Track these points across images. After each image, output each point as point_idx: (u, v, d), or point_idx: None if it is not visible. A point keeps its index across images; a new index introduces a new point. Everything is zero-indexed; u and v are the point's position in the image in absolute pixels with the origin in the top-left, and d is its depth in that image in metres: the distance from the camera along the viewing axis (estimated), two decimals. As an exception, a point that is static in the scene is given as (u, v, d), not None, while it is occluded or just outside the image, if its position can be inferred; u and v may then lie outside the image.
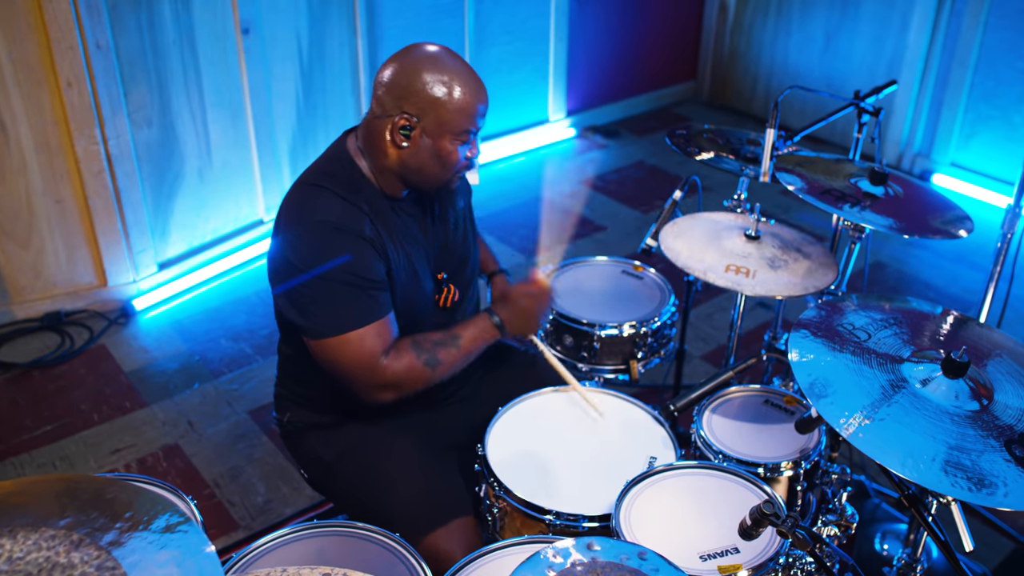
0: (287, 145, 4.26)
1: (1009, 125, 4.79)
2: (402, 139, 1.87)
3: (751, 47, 5.97)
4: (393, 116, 1.86)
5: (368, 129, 1.92)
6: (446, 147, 1.88)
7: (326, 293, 1.83)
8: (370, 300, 1.86)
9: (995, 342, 1.72)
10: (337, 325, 1.84)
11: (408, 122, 1.85)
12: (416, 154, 1.88)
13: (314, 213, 1.86)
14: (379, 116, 1.88)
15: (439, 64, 1.85)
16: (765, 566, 1.61)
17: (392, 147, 1.88)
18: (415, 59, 1.86)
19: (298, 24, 4.09)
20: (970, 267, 4.36)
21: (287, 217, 1.89)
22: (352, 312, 1.84)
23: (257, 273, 4.16)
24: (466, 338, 1.97)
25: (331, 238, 1.84)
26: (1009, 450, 1.45)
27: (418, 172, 1.92)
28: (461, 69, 1.87)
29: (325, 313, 1.84)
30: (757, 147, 2.64)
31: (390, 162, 1.91)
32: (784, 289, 2.01)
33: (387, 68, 1.88)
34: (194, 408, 3.32)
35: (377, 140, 1.90)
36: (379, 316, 1.87)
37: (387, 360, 1.86)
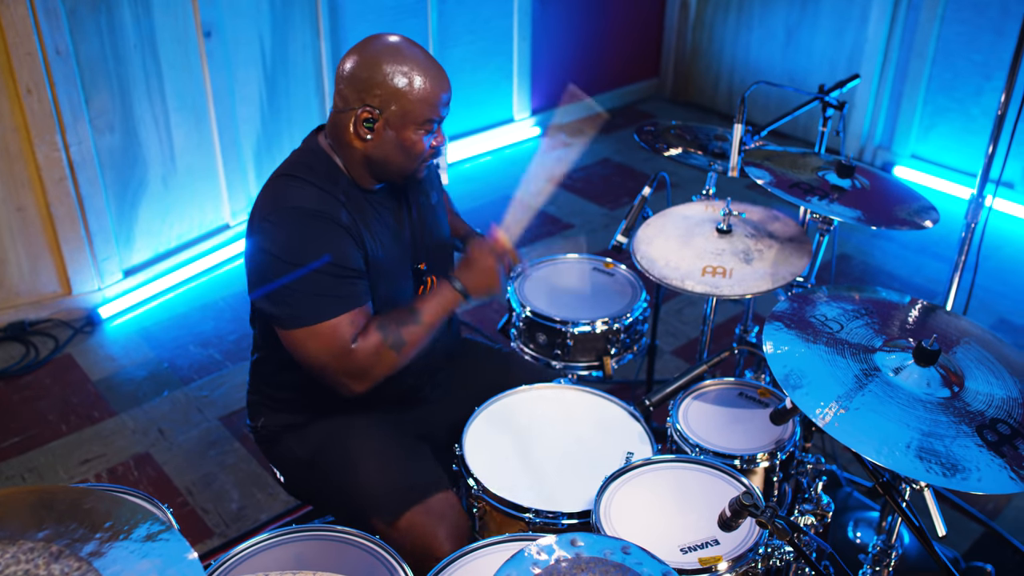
0: (251, 149, 4.23)
1: (967, 117, 4.87)
2: (366, 132, 1.86)
3: (713, 43, 6.02)
4: (356, 109, 1.85)
5: (333, 123, 1.92)
6: (410, 137, 1.87)
7: (301, 281, 1.81)
8: (346, 288, 1.84)
9: (963, 330, 1.75)
10: (310, 314, 1.82)
11: (371, 115, 1.84)
12: (381, 146, 1.88)
13: (289, 200, 1.85)
14: (342, 110, 1.88)
15: (399, 55, 1.84)
16: (745, 557, 1.62)
17: (357, 140, 1.88)
18: (375, 51, 1.85)
19: (261, 27, 4.05)
20: (932, 257, 4.43)
21: (262, 207, 1.88)
22: (327, 301, 1.82)
23: (224, 278, 4.12)
24: (427, 311, 1.92)
25: (307, 225, 1.82)
26: (981, 435, 1.47)
27: (384, 163, 1.91)
28: (421, 58, 1.86)
29: (299, 301, 1.82)
30: (724, 143, 2.66)
31: (356, 155, 1.90)
32: (761, 283, 2.03)
33: (347, 61, 1.87)
34: (164, 416, 3.29)
35: (342, 134, 1.89)
36: (354, 305, 1.85)
37: (356, 346, 1.84)
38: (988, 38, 4.66)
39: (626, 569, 1.25)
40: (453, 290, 1.97)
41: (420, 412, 2.18)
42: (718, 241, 2.16)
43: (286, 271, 1.81)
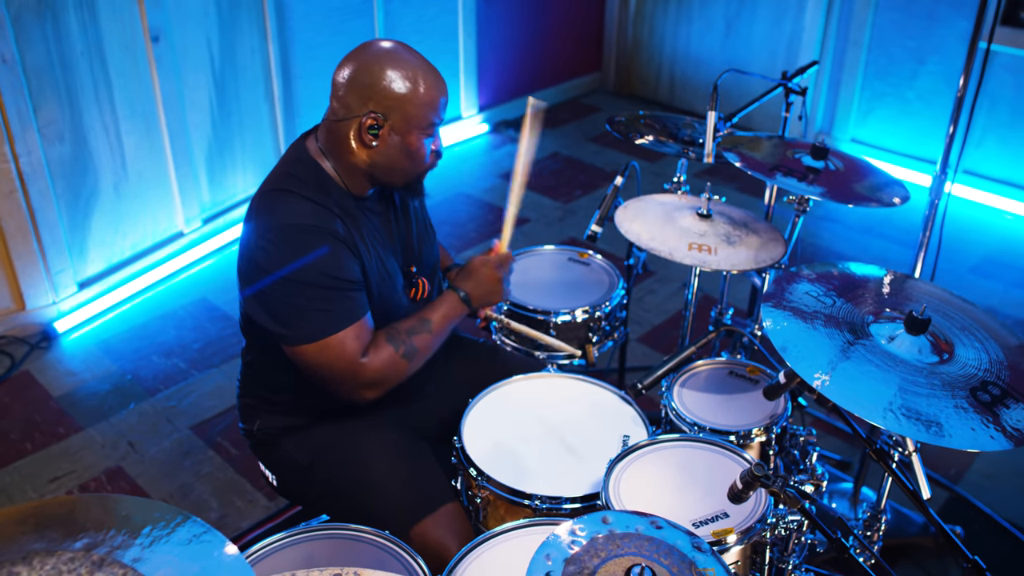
0: (203, 155, 4.17)
1: (903, 101, 5.04)
2: (371, 139, 1.86)
3: (653, 36, 6.11)
4: (359, 116, 1.85)
5: (331, 132, 1.90)
6: (414, 142, 1.88)
7: (303, 297, 1.81)
8: (348, 301, 1.85)
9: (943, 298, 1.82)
10: (316, 330, 1.82)
11: (376, 121, 1.84)
12: (386, 152, 1.88)
13: (284, 216, 1.84)
14: (343, 118, 1.87)
15: (399, 60, 1.84)
16: (754, 528, 1.67)
17: (361, 147, 1.88)
18: (374, 57, 1.85)
19: (208, 30, 4.00)
20: (878, 237, 4.58)
21: (257, 226, 1.86)
22: (331, 316, 1.83)
23: (182, 286, 4.06)
24: (436, 320, 1.98)
25: (304, 240, 1.82)
26: (975, 397, 1.54)
27: (389, 169, 1.92)
28: (420, 63, 1.87)
29: (303, 318, 1.82)
30: (693, 130, 2.71)
31: (359, 162, 1.90)
32: (746, 262, 2.09)
33: (345, 68, 1.87)
34: (133, 428, 3.23)
35: (343, 141, 1.88)
36: (357, 317, 1.86)
37: (367, 359, 1.86)
38: (920, 24, 4.83)
39: (659, 542, 1.28)
40: (458, 299, 2.02)
41: (414, 409, 2.19)
42: (700, 224, 2.21)
43: (287, 288, 1.81)
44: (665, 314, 3.95)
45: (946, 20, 4.75)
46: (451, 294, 2.03)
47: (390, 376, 1.91)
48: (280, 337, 1.86)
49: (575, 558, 1.24)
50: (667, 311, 3.97)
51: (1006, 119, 4.68)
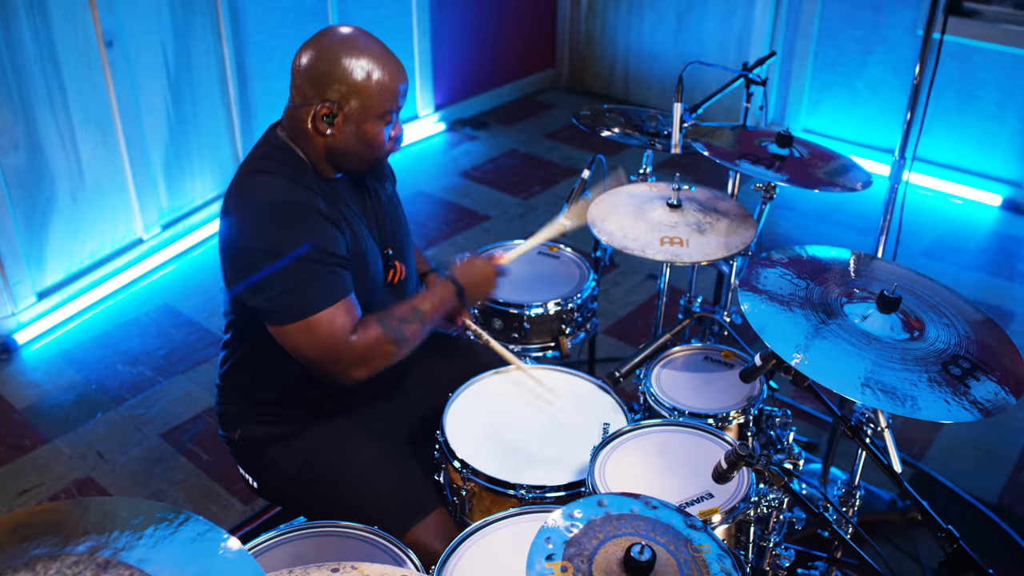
0: (160, 160, 4.12)
1: (852, 90, 5.15)
2: (326, 126, 1.86)
3: (606, 32, 6.17)
4: (315, 104, 1.85)
5: (291, 118, 1.91)
6: (370, 130, 1.88)
7: (291, 273, 1.79)
8: (335, 277, 1.84)
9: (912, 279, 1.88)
10: (305, 306, 1.80)
11: (330, 109, 1.84)
12: (342, 139, 1.88)
13: (267, 194, 1.83)
14: (300, 105, 1.87)
15: (356, 47, 1.84)
16: (738, 507, 1.72)
17: (316, 134, 1.88)
18: (331, 44, 1.84)
19: (162, 34, 3.95)
20: (834, 224, 4.68)
21: (236, 206, 1.85)
22: (320, 292, 1.81)
23: (143, 293, 4.01)
24: (427, 309, 1.97)
25: (287, 214, 1.81)
26: (946, 370, 1.60)
27: (345, 156, 1.92)
28: (378, 50, 1.86)
29: (292, 294, 1.80)
30: (657, 122, 2.76)
31: (317, 148, 1.90)
32: (716, 251, 2.13)
33: (303, 55, 1.86)
34: (101, 438, 3.19)
35: (301, 128, 1.88)
36: (345, 294, 1.85)
37: (356, 337, 1.84)
38: (867, 15, 4.94)
39: (654, 522, 1.31)
40: (453, 289, 2.02)
41: (396, 406, 2.20)
42: (670, 215, 2.25)
43: (272, 263, 1.79)
44: (630, 306, 4.00)
45: (892, 10, 4.87)
46: (447, 285, 2.03)
47: (376, 357, 1.88)
48: (268, 315, 1.83)
49: (575, 540, 1.27)
50: (632, 303, 4.02)
51: (952, 106, 4.81)
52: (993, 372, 1.61)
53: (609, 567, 1.23)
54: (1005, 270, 4.34)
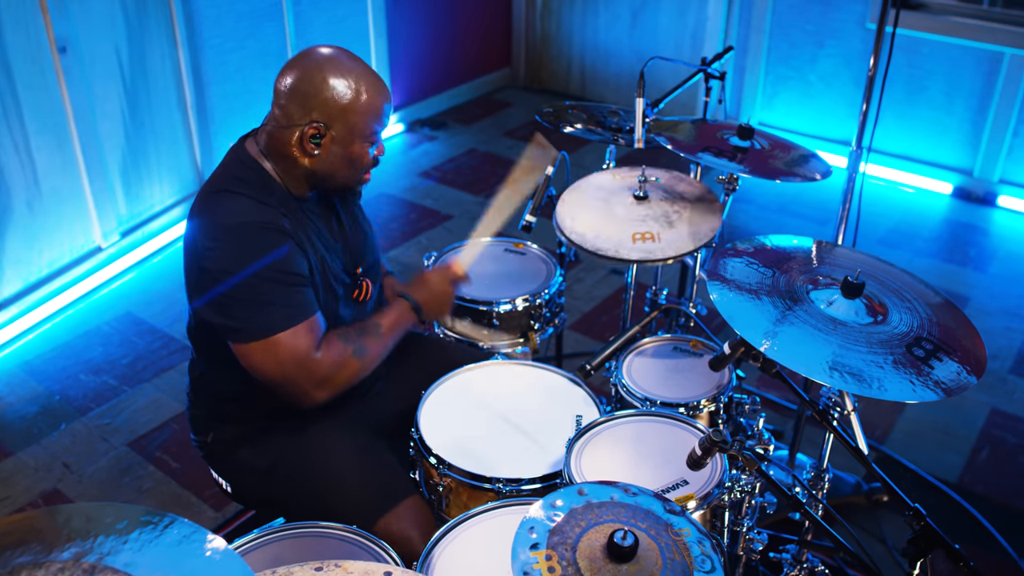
0: (118, 166, 4.07)
1: (805, 83, 5.24)
2: (313, 147, 1.86)
3: (561, 29, 6.21)
4: (301, 125, 1.84)
5: (273, 138, 1.89)
6: (357, 150, 1.89)
7: (254, 293, 1.80)
8: (298, 296, 1.85)
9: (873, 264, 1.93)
10: (267, 326, 1.81)
11: (318, 131, 1.84)
12: (327, 160, 1.89)
13: (230, 215, 1.83)
14: (285, 126, 1.86)
15: (341, 68, 1.84)
16: (712, 493, 1.75)
17: (302, 155, 1.87)
18: (316, 65, 1.84)
19: (117, 39, 3.91)
20: (791, 215, 4.76)
21: (202, 227, 1.85)
22: (282, 311, 1.82)
23: (104, 302, 3.96)
24: (386, 325, 1.99)
25: (252, 237, 1.81)
26: (910, 352, 1.65)
27: (330, 177, 1.92)
28: (363, 70, 1.87)
29: (254, 314, 1.81)
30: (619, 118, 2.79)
31: (299, 169, 1.90)
32: (687, 243, 2.16)
33: (287, 76, 1.85)
34: (66, 449, 3.15)
35: (284, 148, 1.88)
36: (309, 313, 1.86)
37: (319, 355, 1.85)
38: (818, 8, 5.03)
39: (635, 508, 1.34)
40: (408, 307, 2.05)
41: (367, 406, 2.20)
42: (638, 208, 2.28)
43: (237, 285, 1.79)
44: (594, 301, 4.04)
45: (841, 4, 4.96)
46: (402, 302, 2.05)
47: (341, 374, 1.90)
48: (230, 333, 1.84)
49: (558, 528, 1.29)
50: (596, 298, 4.06)
51: (901, 97, 4.92)
52: (955, 353, 1.66)
53: (593, 554, 1.25)
54: (958, 256, 4.45)
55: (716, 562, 1.28)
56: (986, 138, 4.78)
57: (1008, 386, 3.49)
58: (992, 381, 3.50)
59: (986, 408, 3.36)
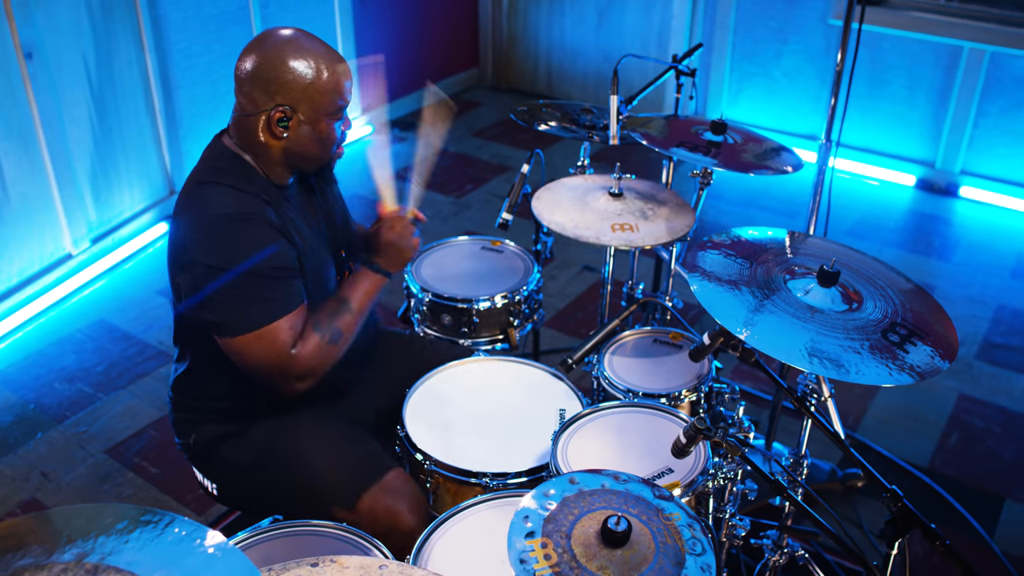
0: (87, 172, 4.04)
1: (769, 79, 5.32)
2: (281, 131, 1.88)
3: (528, 29, 6.24)
4: (267, 110, 1.86)
5: (241, 126, 1.91)
6: (325, 128, 1.91)
7: (243, 289, 1.81)
8: (284, 289, 1.86)
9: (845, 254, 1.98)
10: (251, 321, 1.82)
11: (284, 113, 1.86)
12: (298, 141, 1.90)
13: (216, 207, 1.83)
14: (251, 113, 1.88)
15: (300, 49, 1.85)
16: (697, 480, 1.79)
17: (272, 139, 1.89)
18: (275, 47, 1.85)
19: (83, 44, 3.88)
20: (759, 209, 4.83)
21: (187, 221, 1.85)
22: (268, 305, 1.83)
23: (76, 309, 3.93)
24: (356, 298, 1.99)
25: (238, 229, 1.82)
26: (886, 337, 1.69)
27: (302, 157, 1.94)
28: (321, 49, 1.89)
29: (238, 308, 1.82)
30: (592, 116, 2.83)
31: (272, 153, 1.91)
32: (666, 234, 2.20)
33: (246, 61, 1.86)
34: (43, 458, 3.12)
35: (253, 135, 1.89)
36: (293, 307, 1.87)
37: (296, 351, 1.87)
38: (781, 6, 5.11)
39: (625, 494, 1.37)
40: (373, 274, 2.04)
41: (348, 403, 2.22)
42: (614, 204, 2.31)
43: (222, 277, 1.80)
44: (568, 298, 4.07)
45: (804, 1, 5.04)
46: (366, 271, 2.04)
47: (321, 364, 1.92)
48: (216, 327, 1.85)
49: (552, 517, 1.31)
50: (570, 295, 4.09)
51: (864, 91, 5.00)
52: (927, 338, 1.71)
53: (587, 540, 1.28)
54: (923, 246, 4.54)
55: (706, 544, 1.31)
56: (947, 130, 4.89)
57: (975, 371, 3.57)
58: (959, 367, 3.58)
59: (954, 394, 3.44)
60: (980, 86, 4.71)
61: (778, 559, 2.24)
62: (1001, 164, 4.84)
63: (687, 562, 1.28)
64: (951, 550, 1.64)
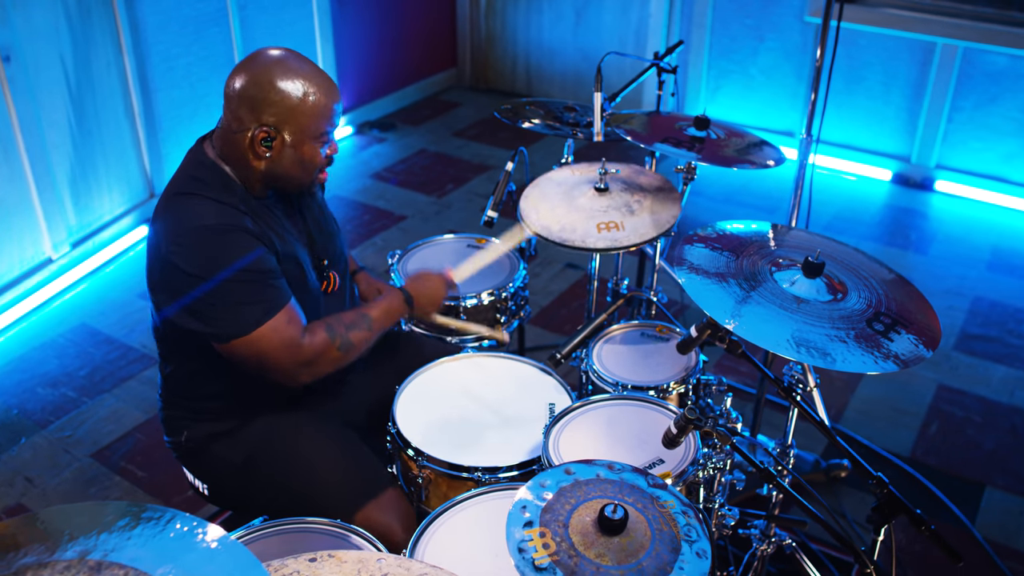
0: (66, 176, 4.02)
1: (747, 76, 5.37)
2: (264, 150, 1.88)
3: (506, 29, 6.26)
4: (252, 129, 1.86)
5: (227, 142, 1.91)
6: (308, 151, 1.91)
7: (228, 297, 1.82)
8: (272, 290, 1.87)
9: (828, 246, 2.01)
10: (246, 324, 1.83)
11: (268, 133, 1.86)
12: (280, 163, 1.91)
13: (194, 219, 1.84)
14: (236, 130, 1.88)
15: (289, 70, 1.86)
16: (688, 470, 1.81)
17: (255, 158, 1.89)
18: (264, 68, 1.86)
19: (61, 48, 3.86)
20: (737, 205, 4.87)
21: (167, 232, 1.85)
22: (259, 306, 1.84)
23: (57, 313, 3.90)
24: (376, 316, 2.03)
25: (218, 239, 1.83)
26: (870, 327, 1.73)
27: (283, 178, 1.94)
28: (311, 71, 1.89)
29: (232, 315, 1.83)
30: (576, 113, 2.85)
31: (254, 172, 1.92)
32: (650, 231, 2.22)
33: (236, 80, 1.87)
34: (28, 464, 3.10)
35: (238, 152, 1.90)
36: (284, 301, 1.88)
37: (305, 341, 1.89)
38: (757, 3, 5.16)
39: (620, 483, 1.39)
40: (402, 299, 2.07)
41: (340, 400, 2.23)
42: (600, 200, 2.33)
43: (205, 286, 1.81)
44: (552, 295, 4.09)
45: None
46: (397, 293, 2.09)
47: (324, 361, 1.93)
48: (212, 337, 1.86)
49: (549, 506, 1.33)
50: (553, 292, 4.11)
51: (840, 87, 5.06)
52: (910, 327, 1.75)
53: (585, 529, 1.30)
54: (899, 240, 4.60)
55: (701, 531, 1.33)
56: (922, 125, 4.95)
57: (953, 362, 3.63)
58: (938, 358, 3.64)
59: (933, 384, 3.49)
60: (954, 82, 4.78)
61: (766, 548, 2.27)
62: (975, 158, 4.92)
63: (683, 548, 1.30)
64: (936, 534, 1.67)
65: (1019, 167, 4.82)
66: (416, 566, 1.39)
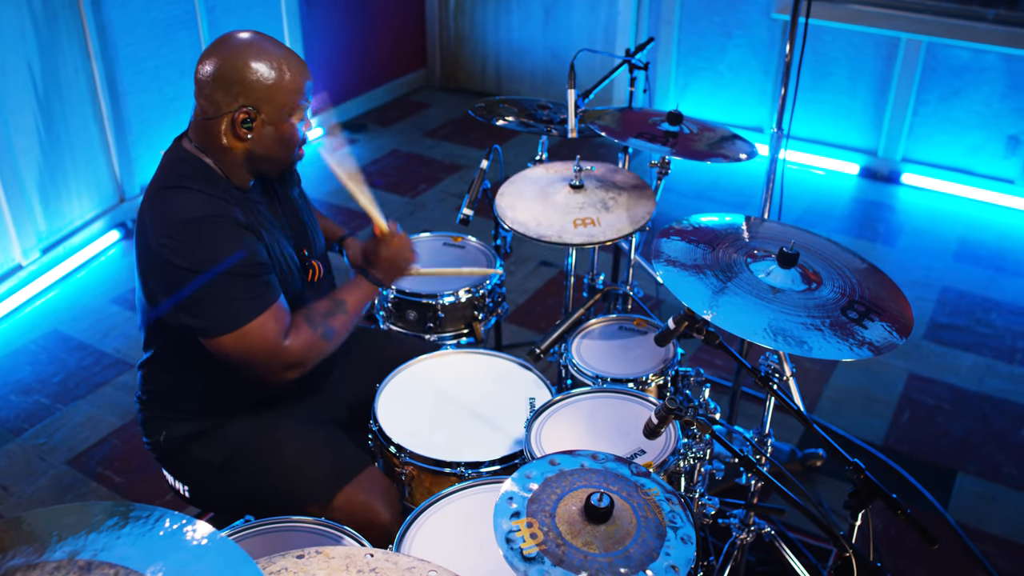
0: (35, 182, 3.98)
1: (715, 73, 5.42)
2: (245, 132, 1.88)
3: (475, 29, 6.27)
4: (230, 112, 1.86)
5: (203, 130, 1.91)
6: (288, 129, 1.92)
7: (220, 291, 1.82)
8: (262, 286, 1.87)
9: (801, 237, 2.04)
10: (235, 319, 1.83)
11: (248, 115, 1.87)
12: (261, 142, 1.91)
13: (182, 212, 1.83)
14: (213, 116, 1.88)
15: (261, 51, 1.86)
16: (668, 460, 1.84)
17: (236, 141, 1.90)
18: (236, 51, 1.86)
19: (27, 52, 3.82)
20: (708, 200, 4.92)
21: (155, 226, 1.85)
22: (248, 303, 1.84)
23: (28, 320, 3.86)
24: (351, 301, 2.03)
25: (208, 231, 1.83)
26: (845, 315, 1.76)
27: (266, 159, 1.95)
28: (281, 51, 1.90)
29: (220, 309, 1.82)
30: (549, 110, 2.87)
31: (236, 156, 1.92)
32: (628, 224, 2.25)
33: (207, 65, 1.87)
34: (3, 472, 3.07)
35: (216, 139, 1.90)
36: (273, 300, 1.88)
37: (288, 342, 1.89)
38: (725, 1, 5.21)
39: (605, 472, 1.41)
40: (367, 282, 2.07)
41: (320, 399, 2.23)
42: (575, 196, 2.35)
43: (198, 279, 1.81)
44: (527, 293, 4.11)
45: (746, -4, 5.15)
46: (361, 279, 2.08)
47: (310, 357, 1.94)
48: (201, 331, 1.85)
49: (536, 497, 1.35)
50: (528, 290, 4.13)
51: (807, 83, 5.13)
52: (883, 314, 1.78)
53: (571, 517, 1.32)
54: (868, 232, 4.67)
55: (685, 518, 1.36)
56: (888, 119, 5.03)
57: (923, 351, 3.69)
58: (908, 348, 3.70)
59: (904, 373, 3.55)
60: (918, 76, 4.86)
61: (745, 537, 2.30)
62: (940, 151, 5.00)
63: (668, 534, 1.32)
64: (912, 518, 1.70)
65: (984, 159, 4.91)
66: (404, 560, 1.40)
